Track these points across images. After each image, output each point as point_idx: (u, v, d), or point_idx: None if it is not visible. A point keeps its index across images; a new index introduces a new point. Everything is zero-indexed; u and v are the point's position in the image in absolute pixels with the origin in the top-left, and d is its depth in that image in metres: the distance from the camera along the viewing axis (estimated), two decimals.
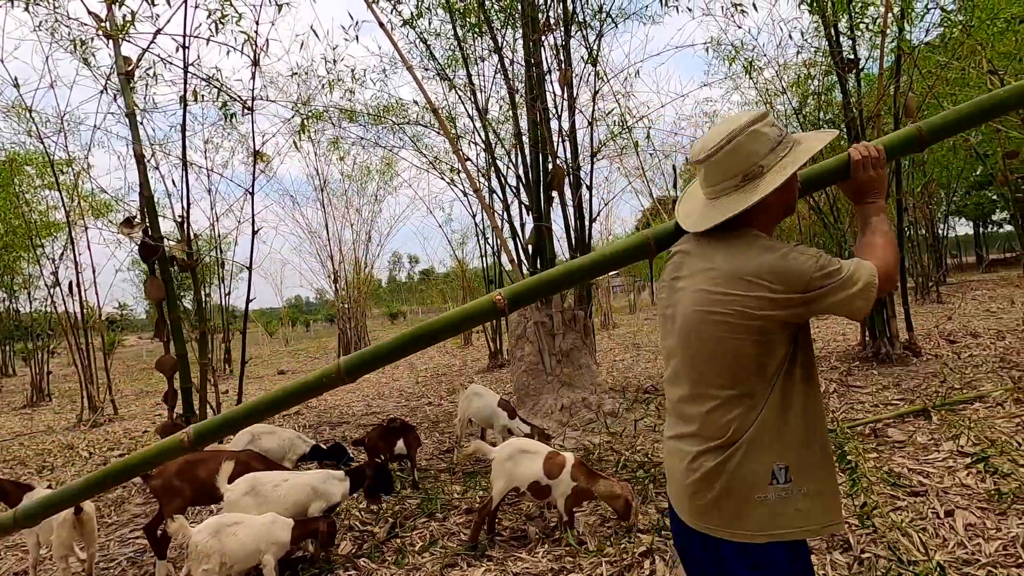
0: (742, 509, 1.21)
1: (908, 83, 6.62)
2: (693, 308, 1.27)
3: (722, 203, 1.29)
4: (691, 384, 1.29)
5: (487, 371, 10.13)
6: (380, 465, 3.23)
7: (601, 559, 2.66)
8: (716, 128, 1.33)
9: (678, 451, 1.30)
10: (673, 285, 1.36)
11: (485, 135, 6.36)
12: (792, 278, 1.19)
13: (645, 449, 4.38)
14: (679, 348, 1.31)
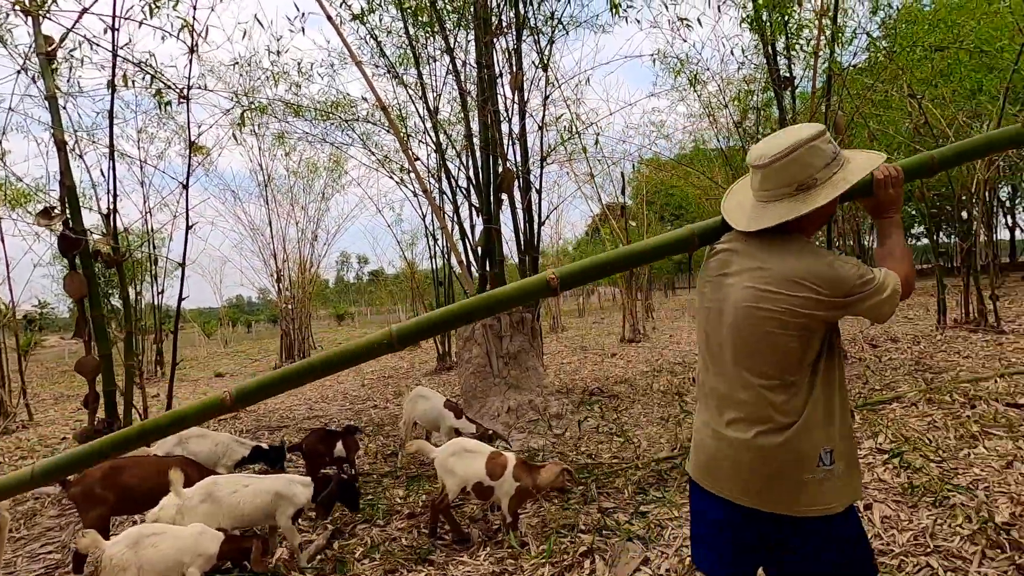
0: (790, 489, 1.36)
1: (838, 102, 7.04)
2: (744, 303, 1.38)
3: (775, 207, 1.40)
4: (743, 373, 1.40)
5: (435, 373, 10.03)
6: (350, 479, 3.05)
7: (542, 560, 2.67)
8: (777, 137, 1.43)
9: (727, 438, 1.42)
10: (721, 281, 1.45)
11: (436, 136, 6.32)
12: (837, 283, 1.33)
13: (589, 450, 4.44)
14: (728, 339, 1.42)
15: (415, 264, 15.46)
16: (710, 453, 1.47)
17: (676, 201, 18.36)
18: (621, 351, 10.58)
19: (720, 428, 1.43)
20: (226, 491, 2.83)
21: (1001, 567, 2.30)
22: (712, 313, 1.47)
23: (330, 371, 1.84)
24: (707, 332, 1.50)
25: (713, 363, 1.47)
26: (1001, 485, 3.06)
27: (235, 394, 1.79)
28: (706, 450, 1.48)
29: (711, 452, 1.46)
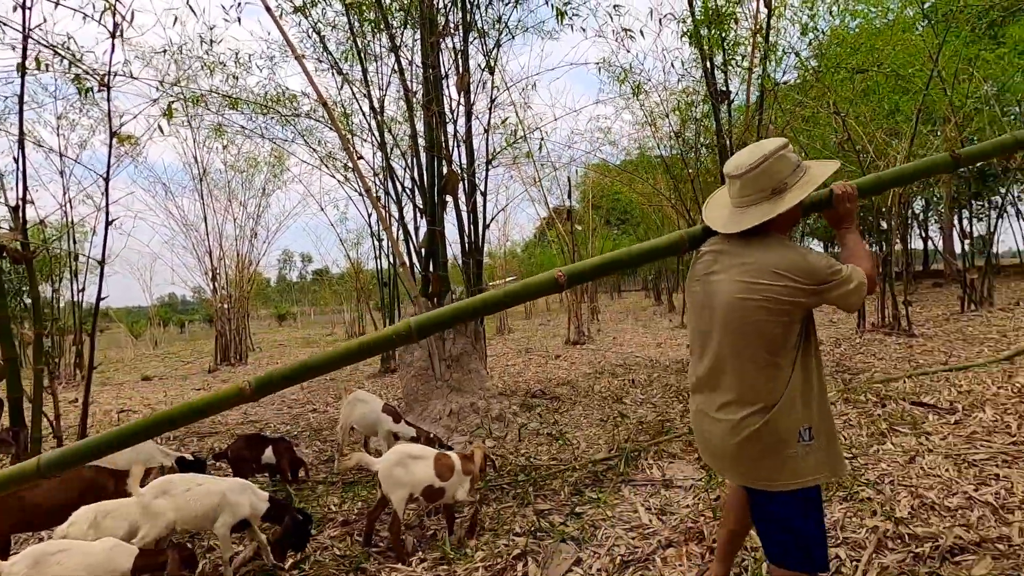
0: (777, 464, 1.55)
1: (771, 116, 7.41)
2: (734, 295, 1.57)
3: (753, 211, 1.61)
4: (732, 360, 1.59)
5: (378, 376, 9.86)
6: (303, 520, 2.87)
7: (476, 565, 2.67)
8: (749, 150, 1.65)
9: (717, 420, 1.62)
10: (709, 279, 1.65)
11: (380, 135, 6.21)
12: (812, 272, 1.54)
13: (529, 453, 4.48)
14: (719, 330, 1.61)
15: (360, 264, 15.17)
16: (705, 436, 1.69)
17: (621, 206, 18.79)
18: (565, 353, 10.73)
19: (712, 412, 1.64)
20: (180, 488, 2.71)
21: (899, 557, 2.48)
22: (704, 309, 1.66)
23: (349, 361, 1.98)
24: (699, 326, 1.69)
25: (705, 354, 1.66)
26: (904, 479, 3.30)
27: (255, 384, 1.84)
28: (701, 433, 1.71)
29: (705, 435, 1.69)
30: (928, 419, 4.35)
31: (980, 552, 2.45)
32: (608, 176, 14.62)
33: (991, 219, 13.96)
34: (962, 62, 9.92)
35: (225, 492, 2.76)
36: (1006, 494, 2.98)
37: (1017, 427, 3.98)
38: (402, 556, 2.79)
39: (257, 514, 2.82)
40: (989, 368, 5.84)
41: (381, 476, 2.91)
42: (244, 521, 2.81)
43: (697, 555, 2.66)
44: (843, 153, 9.80)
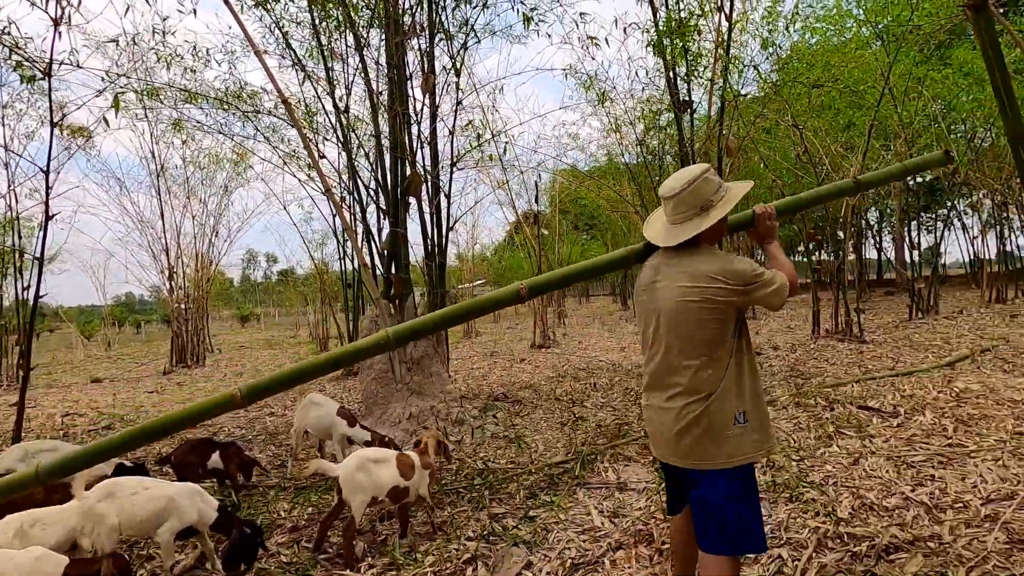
0: (717, 444, 1.75)
1: (730, 127, 7.60)
2: (676, 300, 1.80)
3: (686, 226, 1.85)
4: (676, 356, 1.80)
5: (341, 379, 9.69)
6: (253, 533, 2.75)
7: (425, 570, 2.64)
8: (678, 175, 1.89)
9: (665, 409, 1.82)
10: (653, 287, 1.88)
11: (343, 134, 6.13)
12: (739, 275, 1.76)
13: (487, 456, 4.46)
14: (665, 332, 1.82)
15: (327, 265, 14.91)
16: (655, 427, 1.88)
17: (589, 212, 18.98)
18: (530, 356, 10.76)
19: (661, 403, 1.84)
20: (126, 492, 2.61)
21: (838, 556, 2.56)
22: (651, 314, 1.88)
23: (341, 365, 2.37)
24: (648, 330, 1.90)
25: (655, 355, 1.87)
26: (847, 481, 3.41)
27: (245, 391, 1.95)
28: (652, 426, 1.90)
29: (655, 426, 1.88)
30: (872, 422, 4.50)
31: (913, 550, 2.55)
32: (576, 181, 14.76)
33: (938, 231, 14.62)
34: (912, 81, 10.38)
35: (173, 496, 2.66)
36: (940, 494, 3.11)
37: (953, 430, 4.16)
38: (351, 562, 2.74)
39: (206, 522, 2.73)
40: (931, 373, 6.10)
41: (342, 481, 2.86)
42: (190, 529, 2.71)
43: (645, 557, 2.69)
44: (801, 165, 10.13)
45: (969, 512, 2.86)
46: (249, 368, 12.26)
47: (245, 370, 11.98)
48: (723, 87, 7.05)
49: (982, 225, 16.00)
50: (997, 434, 3.99)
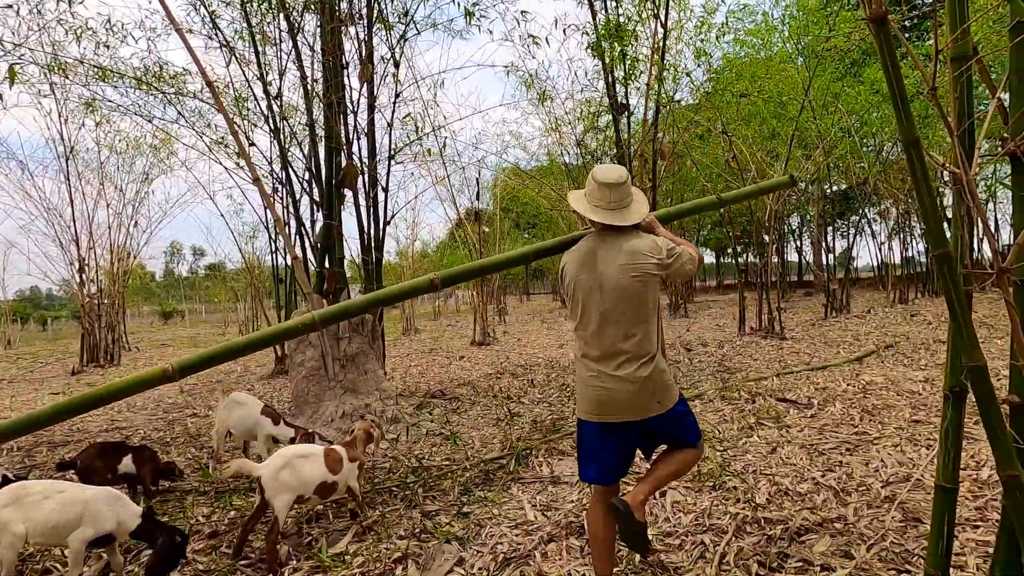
0: (668, 390, 2.10)
1: (666, 131, 7.86)
2: (618, 276, 2.04)
3: (631, 210, 2.16)
4: (624, 326, 2.05)
5: (271, 377, 9.30)
6: (180, 540, 2.58)
7: (353, 572, 2.57)
8: (613, 167, 2.19)
9: (619, 377, 2.03)
10: (594, 265, 2.09)
11: (275, 122, 5.87)
12: (661, 250, 2.09)
13: (422, 454, 4.40)
14: (612, 306, 2.04)
15: (258, 260, 14.24)
16: (605, 395, 2.05)
17: (531, 210, 19.11)
18: (469, 354, 10.72)
19: (611, 372, 2.04)
20: (37, 497, 2.38)
21: (755, 539, 2.69)
22: (594, 291, 2.07)
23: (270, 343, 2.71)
24: (589, 306, 2.08)
25: (598, 328, 2.06)
26: (765, 469, 3.60)
27: (176, 366, 2.22)
28: (598, 394, 2.06)
29: (606, 394, 2.05)
30: (789, 413, 4.79)
31: (821, 531, 2.72)
32: (517, 180, 14.84)
33: (851, 237, 15.73)
34: (829, 96, 11.11)
35: (89, 501, 2.45)
36: (846, 479, 3.34)
37: (860, 419, 4.48)
38: (274, 567, 2.62)
39: (125, 530, 2.53)
40: (842, 368, 6.55)
41: (265, 481, 2.73)
42: (107, 536, 2.51)
43: (576, 548, 2.73)
44: (730, 170, 10.62)
45: (871, 494, 3.09)
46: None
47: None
48: (658, 92, 7.28)
49: (888, 232, 17.37)
50: (896, 422, 4.33)
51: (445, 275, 2.45)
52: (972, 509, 2.81)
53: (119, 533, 2.52)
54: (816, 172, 12.16)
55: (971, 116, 1.61)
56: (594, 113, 8.52)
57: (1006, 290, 1.38)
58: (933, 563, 1.74)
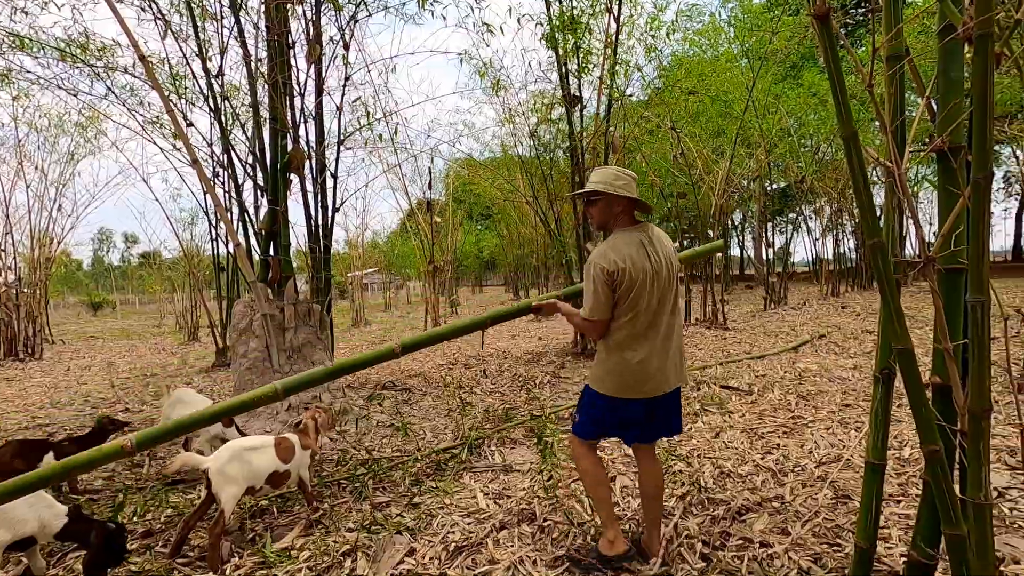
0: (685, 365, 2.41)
1: (617, 125, 7.97)
2: (669, 261, 2.29)
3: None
4: (672, 309, 2.29)
5: (212, 370, 8.91)
6: (116, 530, 2.42)
7: (299, 566, 2.49)
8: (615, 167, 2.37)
9: (662, 352, 2.26)
10: (646, 257, 2.22)
11: (214, 102, 5.58)
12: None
13: (372, 446, 4.32)
14: (667, 288, 2.26)
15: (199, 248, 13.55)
16: (649, 372, 2.23)
17: (484, 202, 19.05)
18: None
19: (661, 351, 2.25)
20: None
21: (700, 520, 2.79)
22: (653, 277, 2.21)
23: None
24: (650, 293, 2.21)
25: (656, 314, 2.24)
26: (709, 452, 3.73)
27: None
28: (644, 372, 2.22)
29: (651, 371, 2.23)
30: (732, 400, 4.98)
31: (760, 510, 2.84)
32: (471, 171, 14.74)
33: (788, 233, 16.49)
34: (771, 96, 11.57)
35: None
36: (783, 460, 3.51)
37: (795, 404, 4.72)
38: (216, 564, 2.51)
39: (49, 532, 2.35)
40: (780, 356, 6.87)
41: (212, 473, 2.61)
42: (28, 540, 2.33)
43: (528, 535, 2.75)
44: (678, 166, 10.91)
45: (806, 474, 3.26)
46: (99, 361, 10.86)
47: (94, 362, 10.60)
48: (610, 86, 7.37)
49: (822, 229, 18.32)
50: (828, 407, 4.58)
51: (406, 342, 2.75)
52: (895, 485, 3.01)
53: (42, 536, 2.35)
54: (758, 170, 12.66)
55: (903, 113, 1.70)
56: (548, 105, 8.55)
57: (932, 278, 1.47)
58: (862, 536, 1.85)
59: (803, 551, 2.42)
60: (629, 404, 2.27)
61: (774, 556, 2.40)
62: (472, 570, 2.44)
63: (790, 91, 12.49)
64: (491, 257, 31.55)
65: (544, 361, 7.66)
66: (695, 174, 10.73)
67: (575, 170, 7.52)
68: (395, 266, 30.68)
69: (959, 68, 1.54)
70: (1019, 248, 29.56)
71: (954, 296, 1.58)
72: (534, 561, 2.48)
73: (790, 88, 12.67)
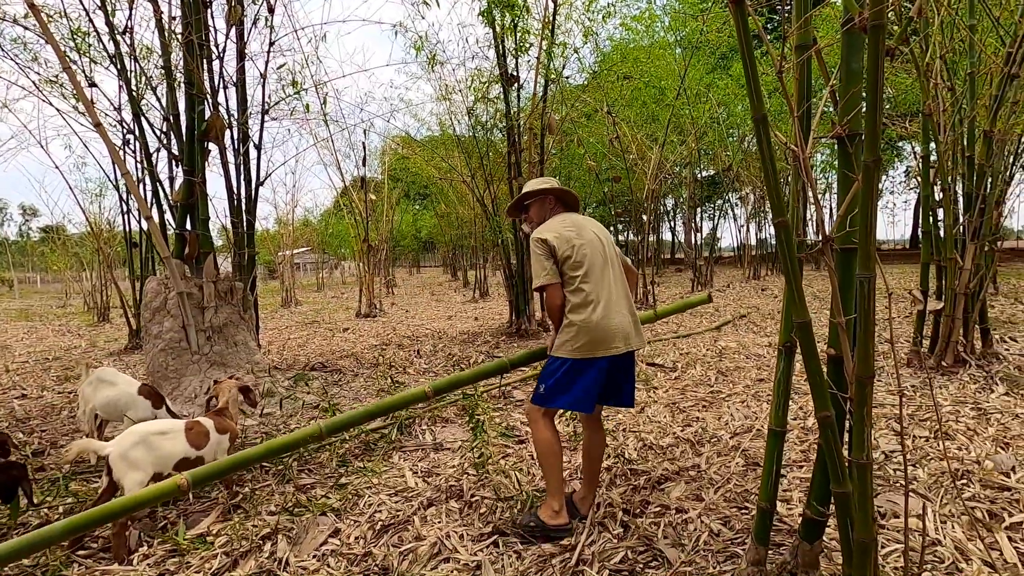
0: (642, 329, 2.60)
1: (554, 106, 7.99)
2: (605, 237, 2.58)
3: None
4: (619, 274, 2.55)
5: (125, 352, 8.33)
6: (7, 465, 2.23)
7: (214, 552, 2.40)
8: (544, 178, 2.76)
9: (620, 312, 2.44)
10: (584, 231, 2.51)
11: (121, 62, 5.13)
12: None
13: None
14: (611, 256, 2.54)
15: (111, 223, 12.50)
16: (612, 328, 2.38)
17: (422, 180, 18.68)
18: (354, 326, 10.37)
19: (619, 310, 2.43)
20: None
21: (623, 490, 2.90)
22: (595, 246, 2.47)
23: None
24: (595, 260, 2.44)
25: (601, 277, 2.43)
26: (634, 427, 3.88)
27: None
28: (607, 329, 2.37)
29: (613, 328, 2.38)
30: (657, 376, 5.19)
31: (678, 479, 2.99)
32: (407, 148, 14.40)
33: (716, 219, 17.26)
34: (702, 86, 11.95)
35: None
36: (702, 432, 3.70)
37: (715, 380, 4.98)
38: (121, 554, 2.37)
39: None
40: (703, 335, 7.22)
41: (113, 460, 2.43)
42: None
43: (456, 511, 2.77)
44: (614, 150, 11.11)
45: (721, 444, 3.46)
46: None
47: None
48: (547, 67, 7.37)
49: (747, 216, 19.30)
50: (744, 382, 4.87)
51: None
52: (798, 452, 3.25)
53: None
54: (689, 156, 13.11)
55: (809, 100, 1.80)
56: (485, 83, 8.44)
57: (829, 256, 1.57)
58: (764, 497, 1.99)
59: (715, 515, 2.57)
60: (594, 364, 2.39)
61: (688, 521, 2.53)
62: (398, 547, 2.44)
63: (720, 81, 12.96)
64: (429, 237, 31.11)
65: (479, 341, 7.67)
66: (630, 159, 10.97)
67: (512, 150, 7.50)
68: (329, 245, 29.70)
69: (859, 59, 1.64)
70: (916, 237, 32.42)
71: (848, 274, 1.70)
72: (460, 536, 2.50)
73: (720, 78, 13.14)
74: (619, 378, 2.56)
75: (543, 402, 2.47)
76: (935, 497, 2.58)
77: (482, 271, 16.81)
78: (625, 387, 2.61)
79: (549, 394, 2.45)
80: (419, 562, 2.30)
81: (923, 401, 3.97)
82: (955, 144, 4.53)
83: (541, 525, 2.43)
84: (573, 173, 15.96)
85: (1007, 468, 2.83)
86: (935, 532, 2.28)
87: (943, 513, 2.44)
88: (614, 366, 2.50)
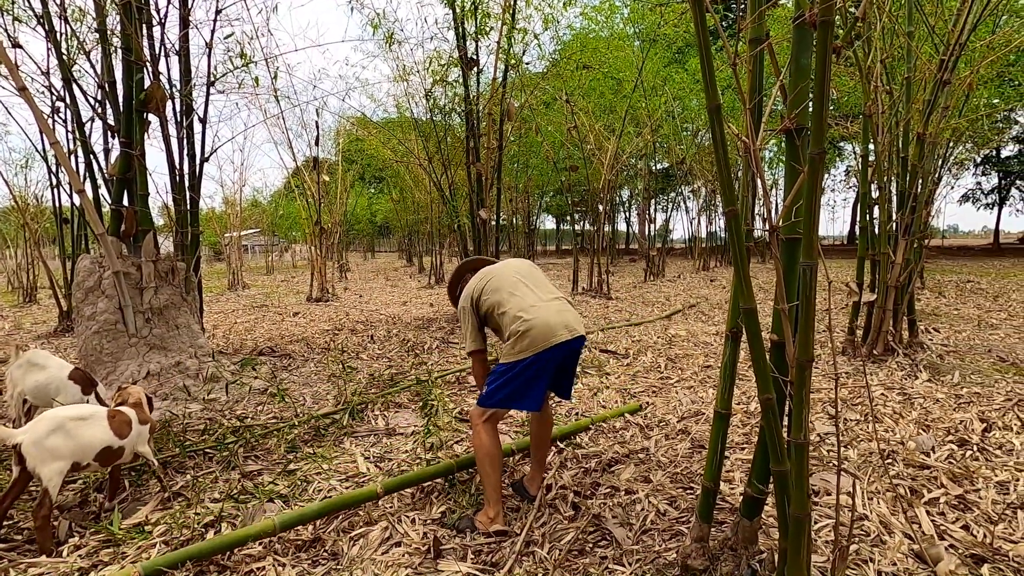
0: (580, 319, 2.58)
1: (512, 92, 7.95)
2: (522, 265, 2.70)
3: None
4: (542, 282, 2.63)
5: (54, 335, 7.84)
6: None
7: (152, 541, 2.30)
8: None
9: (554, 308, 2.45)
10: (500, 271, 2.62)
11: (48, 21, 4.76)
12: None
13: (245, 413, 4.07)
14: (529, 274, 2.63)
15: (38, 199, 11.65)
16: (551, 318, 2.38)
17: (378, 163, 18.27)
18: (305, 310, 10.10)
19: (548, 302, 2.46)
20: None
21: (574, 472, 2.96)
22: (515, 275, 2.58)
23: None
24: (517, 283, 2.53)
25: (528, 289, 2.51)
26: (587, 412, 3.96)
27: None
28: (547, 321, 2.37)
29: (551, 318, 2.38)
30: (610, 363, 5.30)
31: (628, 462, 3.08)
32: (363, 129, 14.04)
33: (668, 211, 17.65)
34: (659, 79, 12.13)
35: None
36: (651, 416, 3.81)
37: (665, 366, 5.12)
38: (48, 546, 2.24)
39: None
40: (655, 323, 7.40)
41: (25, 448, 2.27)
42: None
43: (407, 495, 2.75)
44: (572, 139, 11.17)
45: (668, 428, 3.57)
46: None
47: None
48: (507, 52, 7.31)
49: (699, 208, 19.85)
50: (693, 368, 5.03)
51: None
52: (741, 435, 3.40)
53: None
54: (644, 148, 13.34)
55: (761, 94, 1.85)
56: (444, 66, 8.30)
57: (775, 245, 1.63)
58: (708, 477, 2.06)
59: (661, 495, 2.66)
60: (540, 357, 2.35)
61: (636, 501, 2.61)
62: (348, 532, 2.41)
63: (676, 75, 13.21)
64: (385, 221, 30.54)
65: (434, 327, 7.62)
66: (588, 148, 11.06)
67: (470, 135, 7.42)
68: (279, 227, 28.70)
69: (808, 56, 1.69)
70: (854, 233, 34.19)
71: (792, 263, 1.77)
72: (412, 520, 2.49)
73: (676, 72, 13.39)
74: (568, 364, 2.57)
75: (485, 401, 2.43)
76: (863, 475, 2.75)
77: (438, 257, 16.65)
78: (564, 382, 2.63)
79: (491, 395, 2.42)
80: (370, 547, 2.28)
81: (856, 386, 4.21)
82: (891, 145, 4.79)
83: (475, 531, 2.38)
84: (531, 161, 15.99)
85: (927, 448, 3.05)
86: (863, 508, 2.43)
87: (870, 490, 2.60)
88: (559, 361, 2.44)
